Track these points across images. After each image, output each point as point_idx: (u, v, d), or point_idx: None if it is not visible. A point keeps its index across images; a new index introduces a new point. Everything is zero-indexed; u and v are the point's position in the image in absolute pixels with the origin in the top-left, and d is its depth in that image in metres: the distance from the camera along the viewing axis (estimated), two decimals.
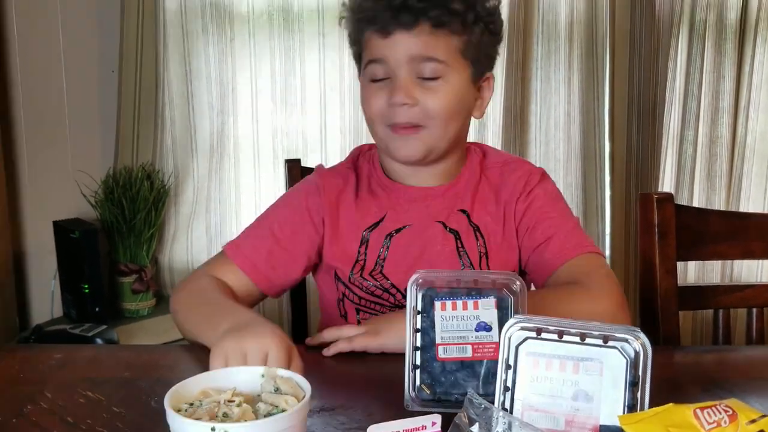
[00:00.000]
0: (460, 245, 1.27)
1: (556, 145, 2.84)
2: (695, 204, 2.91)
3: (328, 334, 1.12)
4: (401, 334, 0.97)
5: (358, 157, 1.38)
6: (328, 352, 1.08)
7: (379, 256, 1.26)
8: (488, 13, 1.24)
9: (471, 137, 2.80)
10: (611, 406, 0.74)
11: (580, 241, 1.24)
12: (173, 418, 0.66)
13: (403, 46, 1.18)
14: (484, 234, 1.27)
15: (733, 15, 2.84)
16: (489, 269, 1.26)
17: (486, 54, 1.27)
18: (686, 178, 2.91)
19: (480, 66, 1.25)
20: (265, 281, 1.25)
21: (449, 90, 1.20)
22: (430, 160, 1.25)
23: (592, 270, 1.19)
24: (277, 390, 0.72)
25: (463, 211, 1.28)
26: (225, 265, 1.25)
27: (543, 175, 1.33)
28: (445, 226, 1.27)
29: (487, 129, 2.81)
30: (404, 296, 1.24)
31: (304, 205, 1.29)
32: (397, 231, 1.27)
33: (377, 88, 1.21)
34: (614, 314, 1.12)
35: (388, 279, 1.26)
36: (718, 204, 2.93)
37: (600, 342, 0.74)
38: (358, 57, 1.28)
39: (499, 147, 2.80)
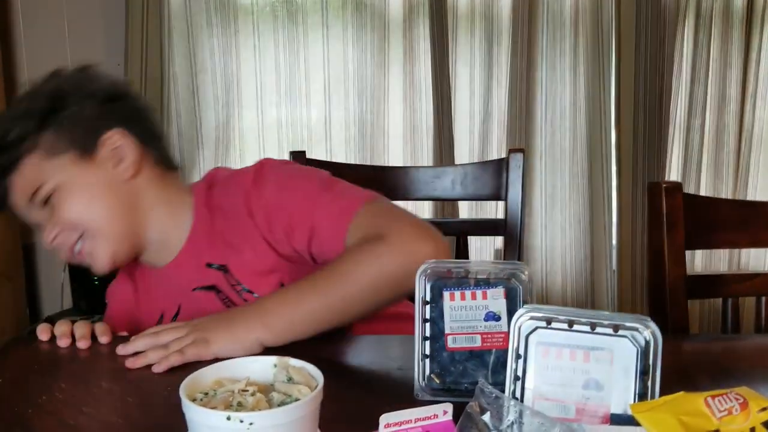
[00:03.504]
0: (223, 298, 1.20)
1: (561, 134, 2.84)
2: (702, 193, 2.91)
3: (142, 342, 1.03)
4: (230, 339, 1.00)
5: None
6: (158, 368, 0.97)
7: None
8: (52, 108, 1.16)
9: (476, 127, 2.82)
10: (622, 395, 0.74)
11: (341, 210, 1.13)
12: (189, 408, 0.66)
13: (14, 202, 1.16)
14: (237, 273, 1.19)
15: (739, 2, 2.84)
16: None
17: (81, 131, 1.17)
18: (693, 168, 2.91)
19: (81, 144, 1.16)
20: None
21: (65, 195, 1.14)
22: (132, 252, 1.21)
23: (370, 227, 1.09)
24: (290, 379, 0.73)
25: (209, 265, 1.20)
26: None
27: (258, 171, 1.20)
28: (205, 288, 1.20)
29: (492, 118, 2.81)
30: None
31: None
32: (175, 318, 1.22)
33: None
34: (409, 254, 1.04)
35: None
36: (725, 193, 2.93)
37: (610, 331, 0.75)
38: None
39: (504, 137, 2.80)
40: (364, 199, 1.14)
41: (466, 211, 2.82)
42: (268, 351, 1.02)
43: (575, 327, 0.75)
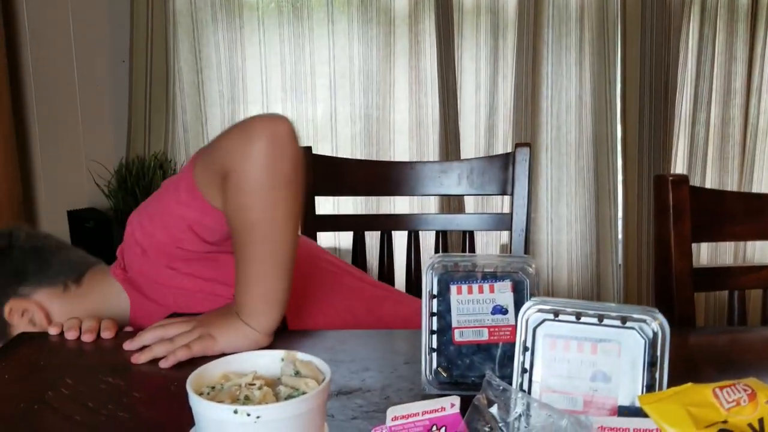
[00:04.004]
0: None
1: (567, 128, 2.84)
2: (708, 186, 2.90)
3: (150, 336, 1.05)
4: (235, 335, 1.01)
5: None
6: (165, 363, 0.98)
7: None
8: None
9: (482, 122, 2.81)
10: (629, 387, 0.74)
11: (184, 191, 1.10)
12: (196, 402, 0.66)
13: None
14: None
15: None
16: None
17: None
18: (699, 161, 2.91)
19: None
20: None
21: None
22: None
23: (212, 178, 1.05)
24: (297, 373, 0.73)
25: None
26: None
27: (127, 231, 1.20)
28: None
29: (498, 113, 2.80)
30: None
31: None
32: None
33: None
34: (258, 158, 0.99)
35: None
36: (731, 186, 2.93)
37: (618, 323, 0.75)
38: None
39: (509, 131, 2.80)
40: (189, 168, 1.10)
41: (472, 205, 2.82)
42: (277, 344, 1.03)
43: (583, 319, 0.75)
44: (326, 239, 2.68)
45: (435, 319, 0.89)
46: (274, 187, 1.00)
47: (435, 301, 0.89)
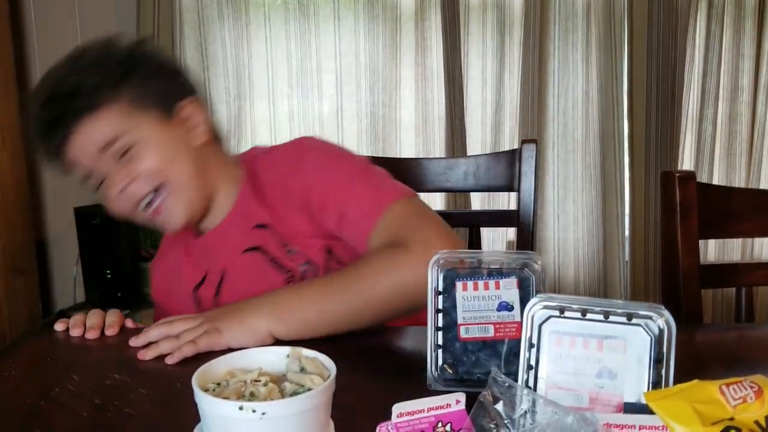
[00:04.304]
0: (270, 258, 1.21)
1: (574, 125, 2.83)
2: (715, 183, 2.89)
3: (156, 332, 1.05)
4: (242, 329, 1.02)
5: None
6: (171, 360, 0.99)
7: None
8: (131, 64, 1.19)
9: (488, 118, 2.81)
10: (635, 384, 0.74)
11: (373, 203, 1.14)
12: (202, 398, 0.66)
13: (82, 149, 1.15)
14: (285, 234, 1.21)
15: None
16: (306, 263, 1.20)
17: (162, 92, 1.21)
18: (706, 157, 2.90)
19: (163, 105, 1.20)
20: None
21: (149, 147, 1.16)
22: (200, 214, 1.24)
23: (397, 229, 1.09)
24: (302, 370, 0.73)
25: (257, 226, 1.23)
26: None
27: (297, 148, 1.26)
28: (251, 249, 1.23)
29: (504, 110, 2.80)
30: None
31: None
32: (219, 284, 1.25)
33: (101, 191, 1.19)
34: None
35: None
36: (738, 183, 2.92)
37: (624, 320, 0.74)
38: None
39: (516, 127, 2.79)
40: (397, 196, 1.14)
41: (478, 202, 2.82)
42: (281, 341, 1.03)
43: (588, 316, 0.75)
44: None
45: (440, 315, 0.89)
46: (416, 292, 0.98)
47: (440, 297, 0.89)
